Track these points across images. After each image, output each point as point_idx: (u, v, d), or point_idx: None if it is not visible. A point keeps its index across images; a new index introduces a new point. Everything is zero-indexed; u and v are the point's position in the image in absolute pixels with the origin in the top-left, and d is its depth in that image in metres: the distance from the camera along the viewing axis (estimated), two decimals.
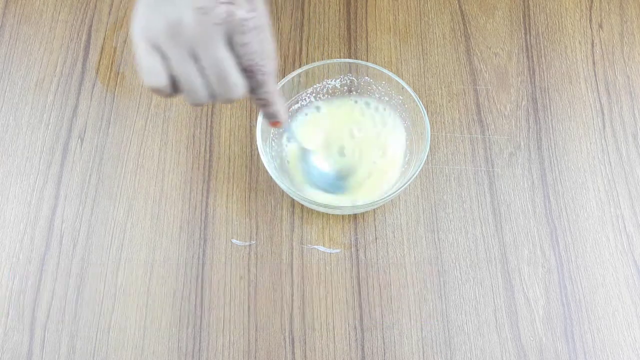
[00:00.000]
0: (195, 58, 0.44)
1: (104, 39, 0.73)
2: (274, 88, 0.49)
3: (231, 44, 0.44)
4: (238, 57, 0.45)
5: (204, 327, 0.59)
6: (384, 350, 0.58)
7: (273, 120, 0.52)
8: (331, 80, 0.65)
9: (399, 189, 0.58)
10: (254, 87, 0.47)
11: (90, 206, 0.64)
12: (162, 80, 0.44)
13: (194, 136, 0.67)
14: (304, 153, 0.62)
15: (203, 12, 0.42)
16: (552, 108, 0.69)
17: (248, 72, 0.46)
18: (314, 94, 0.66)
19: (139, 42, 0.44)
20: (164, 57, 0.44)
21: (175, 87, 0.45)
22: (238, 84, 0.45)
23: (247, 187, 0.65)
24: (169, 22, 0.42)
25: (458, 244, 0.62)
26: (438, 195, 0.65)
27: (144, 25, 0.44)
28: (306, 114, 0.66)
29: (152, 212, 0.64)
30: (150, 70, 0.44)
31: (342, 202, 0.62)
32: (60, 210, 0.64)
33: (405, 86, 0.61)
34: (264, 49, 0.46)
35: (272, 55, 0.47)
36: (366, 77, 0.64)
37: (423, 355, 0.58)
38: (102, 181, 0.65)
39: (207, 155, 0.66)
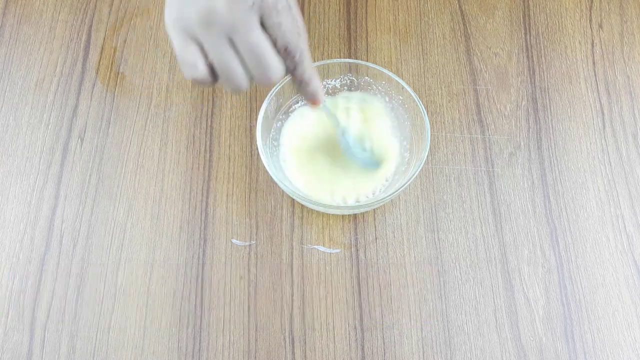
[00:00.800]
0: (231, 43, 0.43)
1: (104, 39, 0.73)
2: (310, 65, 0.48)
3: (265, 26, 0.44)
4: (273, 38, 0.45)
5: (204, 327, 0.59)
6: (384, 350, 0.58)
7: (313, 99, 0.51)
8: (331, 80, 0.65)
9: (399, 189, 0.58)
10: (291, 67, 0.47)
11: (90, 206, 0.64)
12: (202, 71, 0.44)
13: (194, 136, 0.67)
14: (342, 132, 0.61)
15: None
16: (552, 108, 0.69)
17: (284, 52, 0.46)
18: None
19: (174, 34, 0.44)
20: (200, 46, 0.44)
21: (214, 76, 0.45)
22: (276, 65, 0.45)
23: (247, 187, 0.65)
24: (202, 10, 0.42)
25: (458, 244, 0.62)
26: (438, 195, 0.65)
27: (176, 17, 0.44)
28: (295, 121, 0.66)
29: (152, 212, 0.64)
30: (189, 62, 0.44)
31: (341, 202, 0.62)
32: (60, 210, 0.64)
33: (405, 86, 0.61)
34: (296, 27, 0.46)
35: (304, 33, 0.47)
36: (366, 77, 0.64)
37: (423, 355, 0.58)
38: (102, 181, 0.65)
39: (207, 155, 0.66)
